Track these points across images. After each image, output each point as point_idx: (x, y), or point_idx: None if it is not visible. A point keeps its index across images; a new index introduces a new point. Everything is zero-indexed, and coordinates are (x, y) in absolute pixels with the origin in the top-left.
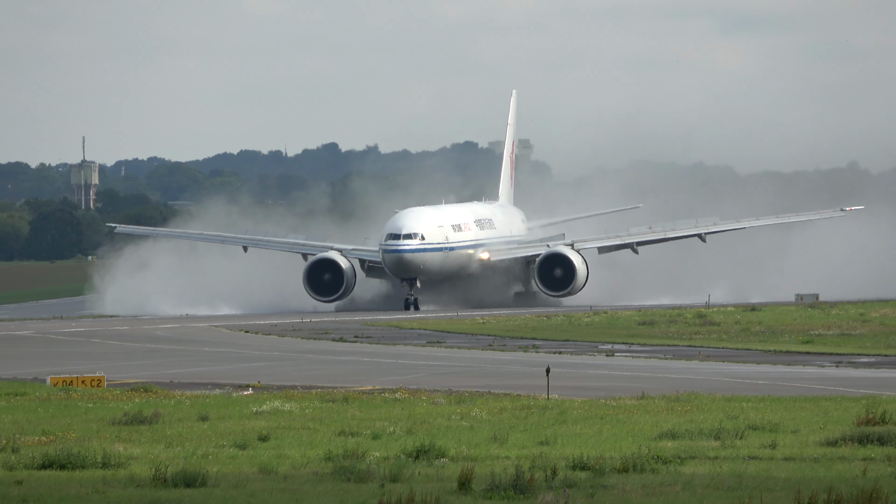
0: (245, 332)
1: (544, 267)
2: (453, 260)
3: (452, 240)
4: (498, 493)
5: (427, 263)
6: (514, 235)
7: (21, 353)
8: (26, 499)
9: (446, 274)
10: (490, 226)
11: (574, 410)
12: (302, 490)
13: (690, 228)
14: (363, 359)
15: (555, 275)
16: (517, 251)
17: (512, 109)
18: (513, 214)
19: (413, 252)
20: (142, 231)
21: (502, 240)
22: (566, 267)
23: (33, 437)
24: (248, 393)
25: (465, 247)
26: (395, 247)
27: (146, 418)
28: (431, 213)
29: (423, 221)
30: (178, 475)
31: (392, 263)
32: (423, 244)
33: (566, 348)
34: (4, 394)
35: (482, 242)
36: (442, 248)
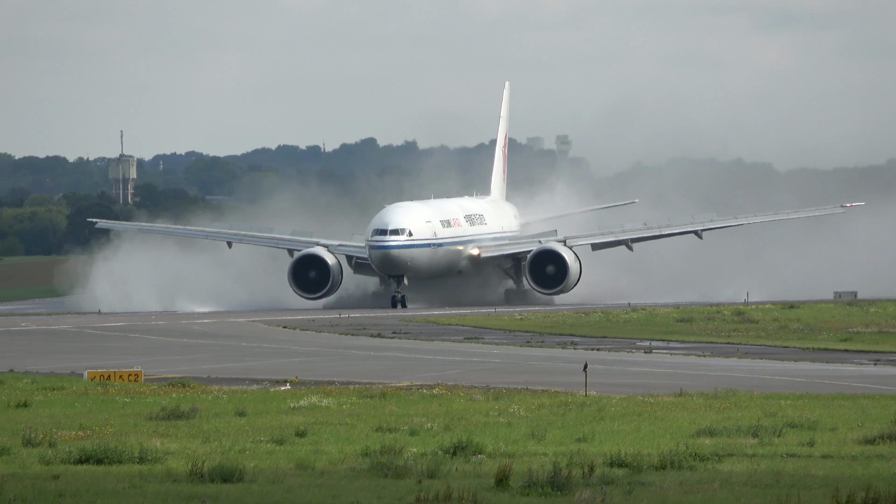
0: (283, 328)
1: (536, 264)
2: (442, 256)
3: (441, 236)
4: (535, 489)
5: (414, 260)
6: (505, 231)
7: (58, 348)
8: (63, 493)
9: (435, 271)
10: (481, 221)
11: (612, 407)
12: (339, 486)
13: (686, 225)
14: (401, 354)
15: (547, 272)
16: (508, 248)
17: (504, 102)
18: (505, 210)
19: (400, 248)
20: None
21: (493, 236)
22: (558, 264)
23: (70, 432)
24: (285, 388)
25: (454, 243)
26: (382, 243)
27: (183, 413)
28: (419, 209)
29: (411, 217)
30: (215, 470)
31: (378, 260)
32: (411, 240)
33: (604, 345)
34: (42, 388)
35: (472, 238)
36: (430, 245)
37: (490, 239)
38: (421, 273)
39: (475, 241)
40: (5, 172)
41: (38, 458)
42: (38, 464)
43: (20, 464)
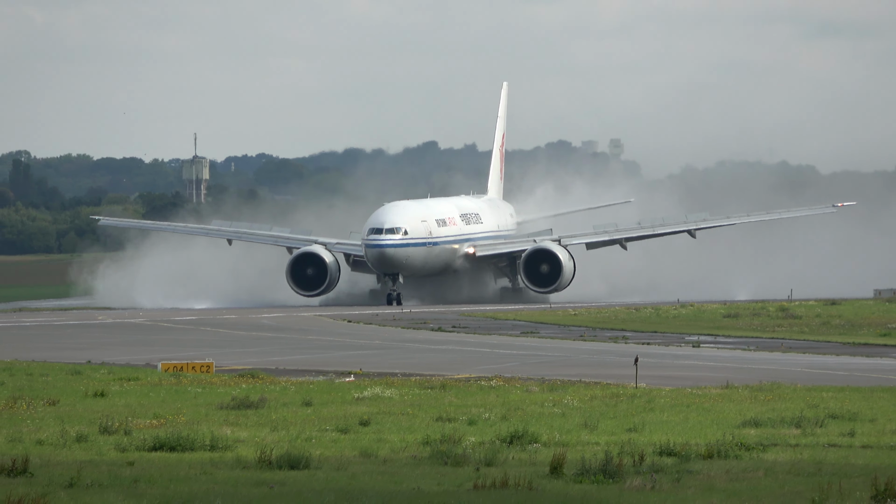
0: (348, 322)
1: (530, 262)
2: (437, 255)
3: (436, 234)
4: (588, 477)
5: (410, 258)
6: (501, 230)
7: (134, 341)
8: (138, 479)
9: (430, 269)
10: (476, 220)
11: (661, 399)
12: (401, 473)
13: (679, 224)
14: (460, 348)
15: (541, 270)
16: (503, 246)
17: (502, 103)
18: (501, 209)
19: (395, 247)
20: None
21: (489, 234)
22: (552, 262)
23: (145, 421)
24: (350, 380)
25: (449, 241)
26: (378, 241)
27: (252, 403)
28: (415, 208)
29: (406, 216)
30: (282, 458)
31: (374, 258)
32: (406, 239)
33: (654, 339)
34: (118, 379)
35: (468, 237)
36: (425, 243)
37: (486, 237)
38: (416, 271)
39: (471, 239)
40: (84, 173)
41: (115, 446)
42: (115, 451)
43: (97, 451)
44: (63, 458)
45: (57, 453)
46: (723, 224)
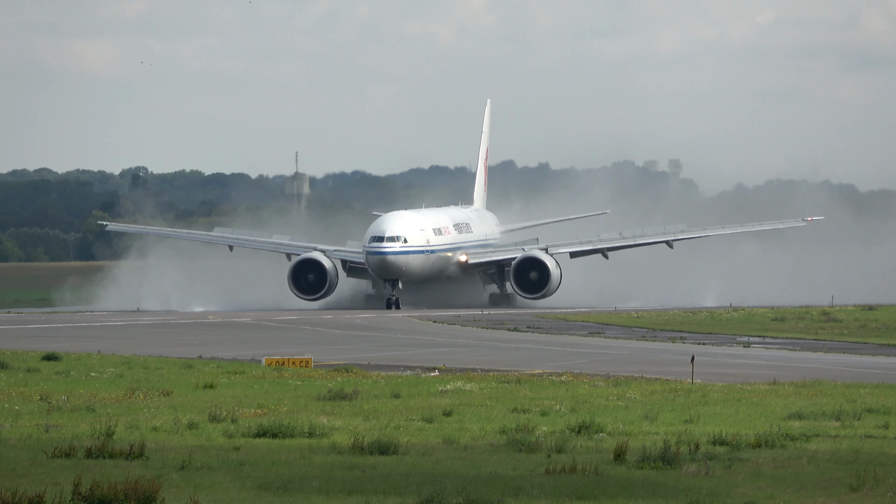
0: (433, 322)
1: (520, 270)
2: (434, 262)
3: (433, 243)
4: (648, 463)
5: (409, 265)
6: (489, 239)
7: (240, 338)
8: (243, 463)
9: (427, 275)
10: (467, 229)
11: (715, 393)
12: (480, 458)
13: (659, 235)
14: (534, 346)
15: (530, 277)
16: (494, 254)
17: (486, 118)
18: (488, 218)
19: (396, 254)
20: (133, 230)
21: (479, 243)
22: (541, 270)
23: (250, 410)
24: (434, 374)
25: (444, 249)
26: (379, 249)
27: (347, 395)
28: (413, 217)
29: (406, 225)
30: (373, 444)
31: (376, 265)
32: (406, 247)
33: (709, 340)
34: (225, 372)
35: (460, 245)
36: (423, 251)
37: (476, 246)
38: (414, 278)
39: (463, 247)
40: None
41: (222, 433)
42: (222, 437)
43: (206, 437)
44: (176, 444)
45: (170, 439)
46: (699, 235)
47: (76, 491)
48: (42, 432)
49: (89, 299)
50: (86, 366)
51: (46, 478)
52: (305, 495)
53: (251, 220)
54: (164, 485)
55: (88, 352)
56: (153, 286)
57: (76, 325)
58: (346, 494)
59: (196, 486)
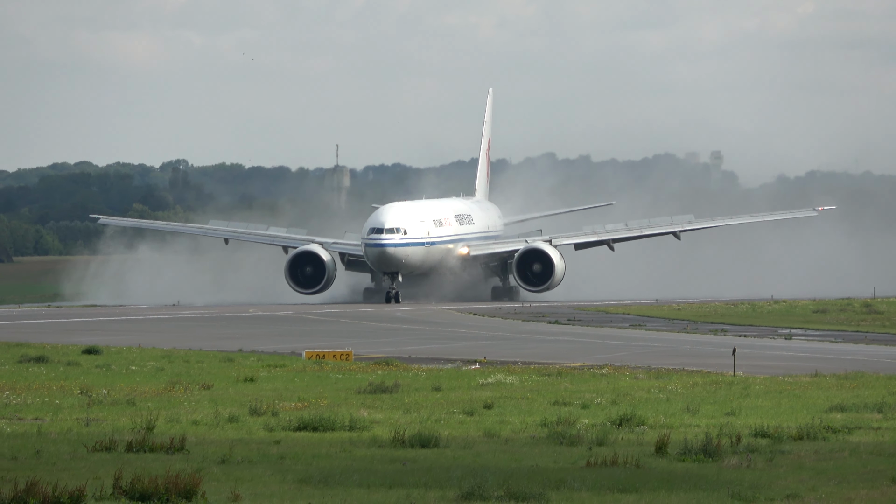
0: (473, 315)
1: (522, 262)
2: (434, 254)
3: (434, 234)
4: (690, 456)
5: (409, 258)
6: (491, 231)
7: (280, 331)
8: (283, 456)
9: (427, 268)
10: (469, 221)
11: (756, 386)
12: (521, 451)
13: (666, 226)
14: (574, 339)
15: (533, 270)
16: (496, 246)
17: (488, 108)
18: (490, 210)
19: (396, 246)
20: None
21: (480, 235)
22: (544, 262)
23: (290, 403)
24: (475, 367)
25: (445, 241)
26: (378, 241)
27: (387, 388)
28: (413, 208)
29: (406, 216)
30: (414, 437)
31: (375, 257)
32: (406, 239)
33: (750, 332)
34: (266, 365)
35: (461, 237)
36: (423, 243)
37: (478, 238)
38: (414, 270)
39: (464, 239)
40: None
41: (263, 426)
42: (263, 430)
43: (247, 430)
44: (216, 437)
45: (211, 432)
46: (707, 226)
47: (117, 485)
48: (82, 426)
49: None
50: (126, 359)
51: (87, 472)
52: (346, 489)
53: (292, 213)
54: (204, 478)
55: (129, 345)
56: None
57: (116, 318)
58: (386, 488)
59: (237, 480)
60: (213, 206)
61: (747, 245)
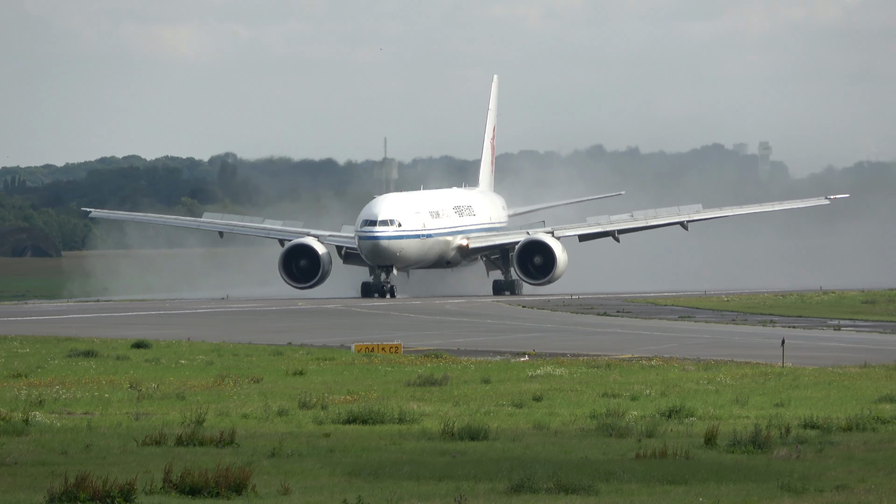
0: (522, 307)
1: (524, 254)
2: (431, 247)
3: (430, 226)
4: (739, 447)
5: (404, 251)
6: (494, 222)
7: (329, 324)
8: (333, 449)
9: (424, 261)
10: (469, 212)
11: (805, 377)
12: (570, 443)
13: (673, 216)
14: (623, 331)
15: (534, 262)
16: (496, 238)
17: (493, 95)
18: (493, 201)
19: (389, 239)
20: (118, 216)
21: (482, 227)
22: (546, 254)
23: (340, 396)
24: (524, 359)
25: (443, 234)
26: (371, 233)
27: (437, 380)
28: (408, 200)
29: (400, 208)
30: (463, 430)
31: (368, 250)
32: (400, 231)
33: (799, 323)
34: (315, 359)
35: (461, 229)
36: (419, 235)
37: (479, 230)
38: (410, 263)
39: (464, 231)
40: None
41: (312, 419)
42: (312, 423)
43: (297, 423)
44: (266, 431)
45: (260, 426)
46: (715, 216)
47: (167, 478)
48: (132, 420)
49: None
50: (175, 353)
51: (137, 465)
52: (396, 481)
53: (339, 205)
54: (254, 472)
55: (178, 339)
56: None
57: (165, 312)
58: (436, 480)
59: (287, 473)
60: (261, 198)
61: (793, 235)
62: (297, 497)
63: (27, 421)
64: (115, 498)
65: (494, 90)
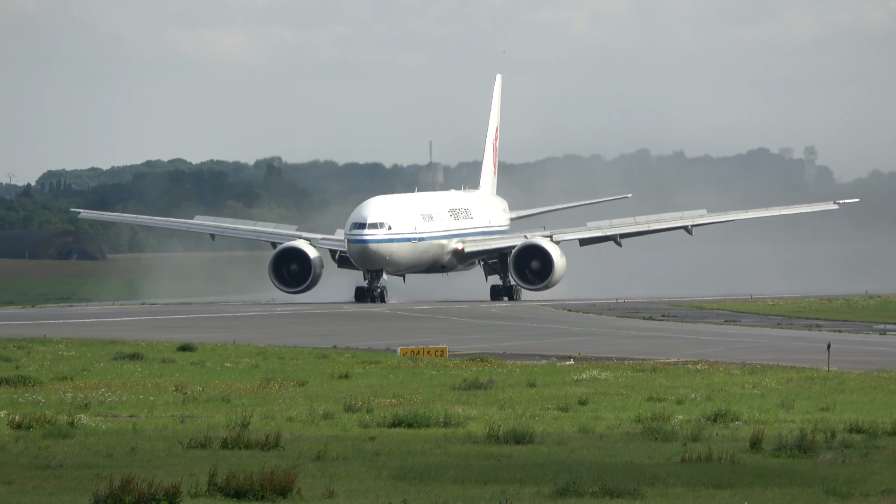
0: (567, 311)
1: (520, 259)
2: (424, 251)
3: (422, 230)
4: (784, 452)
5: (394, 255)
6: (493, 226)
7: (374, 328)
8: (378, 452)
9: (416, 265)
10: (466, 215)
11: (851, 381)
12: (615, 447)
13: (676, 220)
14: (669, 335)
15: (532, 267)
16: (493, 242)
17: (496, 95)
18: (493, 204)
19: (379, 242)
20: (107, 217)
21: (480, 230)
22: (543, 259)
23: (385, 400)
24: (569, 363)
25: (436, 237)
26: (360, 237)
27: (482, 384)
28: (399, 202)
29: (390, 210)
30: (508, 433)
31: (357, 254)
32: (390, 234)
33: (845, 327)
34: (361, 362)
35: (456, 233)
36: (410, 239)
37: (476, 233)
38: (401, 268)
39: (460, 235)
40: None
41: (358, 422)
42: (357, 427)
43: (342, 427)
44: (311, 434)
45: (306, 429)
46: (720, 220)
47: (212, 482)
48: (177, 423)
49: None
50: (220, 356)
51: (182, 469)
52: (441, 485)
53: None
54: (299, 475)
55: (223, 342)
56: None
57: (210, 315)
58: (482, 484)
59: (332, 477)
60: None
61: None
62: (342, 500)
63: (73, 424)
64: (160, 501)
65: (497, 90)
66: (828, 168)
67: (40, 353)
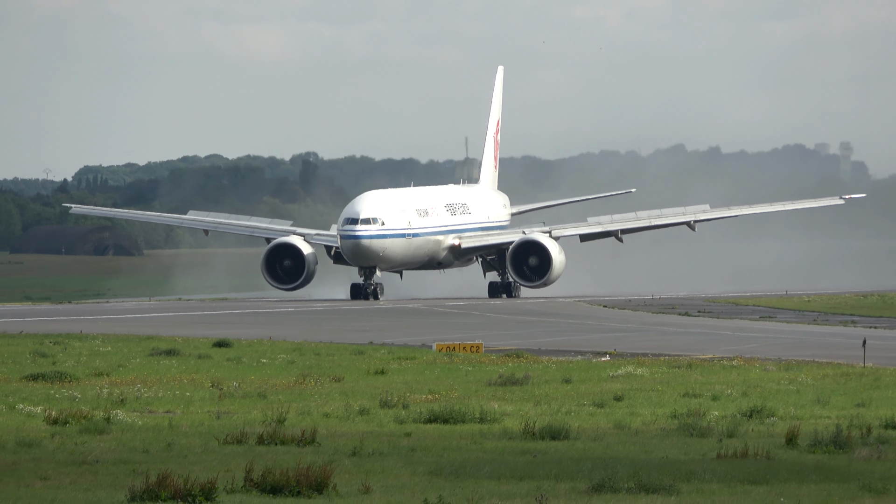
0: (603, 307)
1: (518, 255)
2: (418, 247)
3: (416, 225)
4: (820, 447)
5: (387, 251)
6: (492, 221)
7: (410, 323)
8: (414, 448)
9: (411, 262)
10: (464, 211)
11: (887, 377)
12: (651, 443)
13: (678, 216)
14: (705, 330)
15: (530, 263)
16: (490, 238)
17: (497, 88)
18: (493, 199)
19: (371, 238)
20: (99, 212)
21: (477, 226)
22: (542, 255)
23: (421, 396)
24: (605, 359)
25: (431, 233)
26: (352, 232)
27: (518, 380)
28: (393, 197)
29: (383, 206)
30: (544, 429)
31: (349, 250)
32: (383, 230)
33: (880, 324)
34: (397, 358)
35: (453, 228)
36: (404, 235)
37: (474, 229)
38: (395, 264)
39: (457, 231)
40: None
41: (393, 418)
42: (393, 423)
43: (378, 423)
44: (347, 430)
45: (341, 425)
46: (723, 216)
47: (248, 477)
48: (214, 419)
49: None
50: (257, 352)
51: (218, 464)
52: (477, 480)
53: None
54: (335, 471)
55: (259, 338)
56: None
57: (246, 311)
58: (517, 479)
59: (368, 472)
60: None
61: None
62: (377, 496)
63: (109, 419)
64: (196, 496)
65: (499, 83)
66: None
67: (76, 349)
